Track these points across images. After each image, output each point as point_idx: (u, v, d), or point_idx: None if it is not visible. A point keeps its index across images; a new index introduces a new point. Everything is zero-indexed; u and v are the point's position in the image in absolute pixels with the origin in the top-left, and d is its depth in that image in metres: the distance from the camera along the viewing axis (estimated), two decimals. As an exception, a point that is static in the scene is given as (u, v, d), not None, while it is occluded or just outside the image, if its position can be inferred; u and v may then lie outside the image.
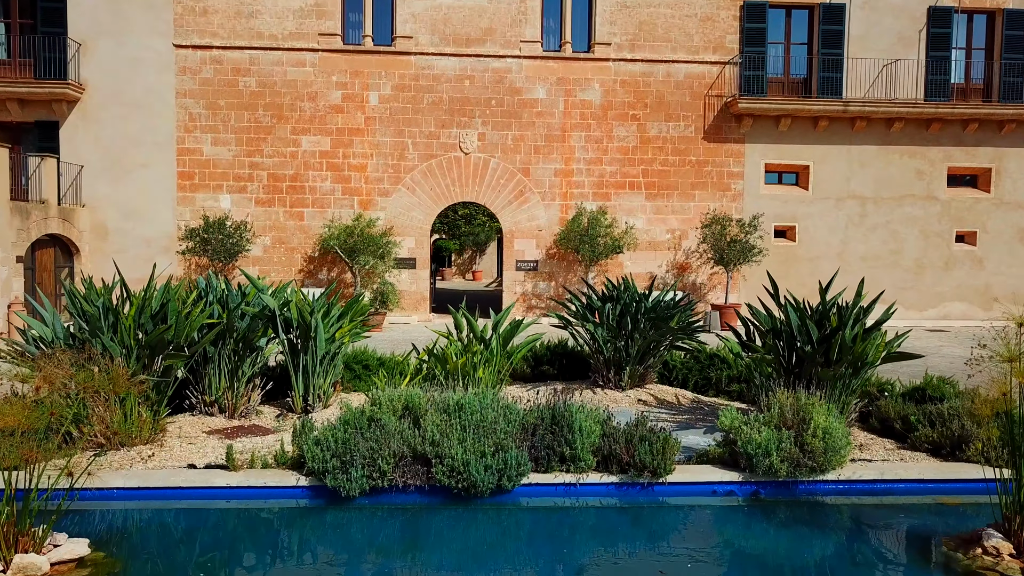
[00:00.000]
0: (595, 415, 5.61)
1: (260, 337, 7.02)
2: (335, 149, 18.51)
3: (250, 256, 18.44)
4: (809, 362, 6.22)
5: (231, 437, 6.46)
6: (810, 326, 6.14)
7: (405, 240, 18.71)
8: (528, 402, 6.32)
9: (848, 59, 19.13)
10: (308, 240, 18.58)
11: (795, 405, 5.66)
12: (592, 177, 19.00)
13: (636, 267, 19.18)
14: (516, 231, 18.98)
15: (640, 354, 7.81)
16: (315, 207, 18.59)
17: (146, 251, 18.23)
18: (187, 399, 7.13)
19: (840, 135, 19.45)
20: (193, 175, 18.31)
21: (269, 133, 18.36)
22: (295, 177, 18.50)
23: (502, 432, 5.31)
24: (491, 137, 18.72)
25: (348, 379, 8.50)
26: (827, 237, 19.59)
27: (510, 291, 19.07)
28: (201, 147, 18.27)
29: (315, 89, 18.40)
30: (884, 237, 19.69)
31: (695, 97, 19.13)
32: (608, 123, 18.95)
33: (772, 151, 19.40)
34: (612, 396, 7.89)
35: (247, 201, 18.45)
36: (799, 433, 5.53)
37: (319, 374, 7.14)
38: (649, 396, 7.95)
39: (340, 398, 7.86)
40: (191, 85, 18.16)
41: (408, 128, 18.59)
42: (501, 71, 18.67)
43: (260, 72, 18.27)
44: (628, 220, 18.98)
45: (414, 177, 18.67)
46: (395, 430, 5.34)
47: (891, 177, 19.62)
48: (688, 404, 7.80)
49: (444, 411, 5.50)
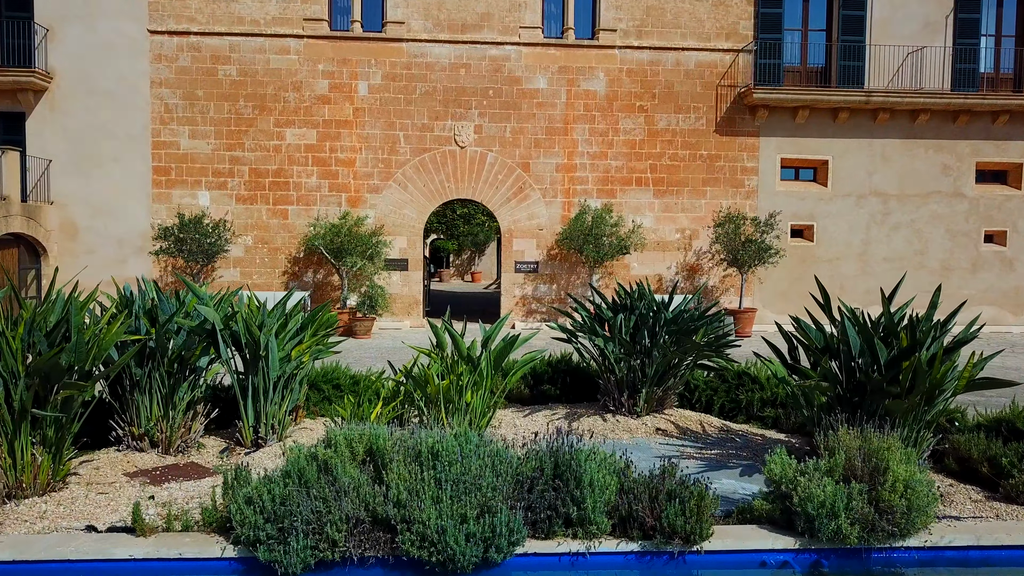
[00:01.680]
0: (610, 463, 4.37)
1: (199, 356, 5.79)
2: (321, 142, 17.29)
3: (230, 257, 17.22)
4: (876, 391, 4.97)
5: (158, 481, 5.23)
6: (878, 346, 4.89)
7: (396, 240, 17.48)
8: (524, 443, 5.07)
9: (870, 47, 17.88)
10: (293, 240, 17.36)
11: (866, 449, 4.42)
12: (596, 172, 17.77)
13: (643, 269, 17.94)
14: (515, 230, 17.74)
15: (659, 374, 6.57)
16: (300, 204, 17.36)
17: (119, 252, 17.02)
18: (114, 431, 5.90)
19: (861, 128, 18.20)
20: (169, 170, 17.09)
21: (251, 125, 17.14)
22: (279, 172, 17.27)
23: (489, 488, 4.07)
24: (488, 130, 17.49)
25: (316, 401, 7.27)
26: (847, 237, 18.34)
27: (508, 294, 17.83)
28: (178, 140, 17.05)
29: (300, 78, 17.18)
30: (908, 237, 18.45)
31: (706, 87, 17.89)
32: (613, 115, 17.71)
33: (789, 145, 18.15)
34: (625, 424, 6.65)
35: (227, 198, 17.23)
36: (872, 486, 4.29)
37: (273, 400, 5.90)
38: (669, 424, 6.70)
39: (302, 426, 6.62)
40: (167, 74, 16.93)
41: (400, 120, 17.36)
42: (499, 59, 17.44)
43: (241, 60, 17.05)
44: (635, 218, 17.74)
45: (406, 172, 17.43)
46: (351, 485, 4.10)
47: (915, 173, 18.37)
48: (716, 434, 6.56)
49: (415, 459, 4.26)
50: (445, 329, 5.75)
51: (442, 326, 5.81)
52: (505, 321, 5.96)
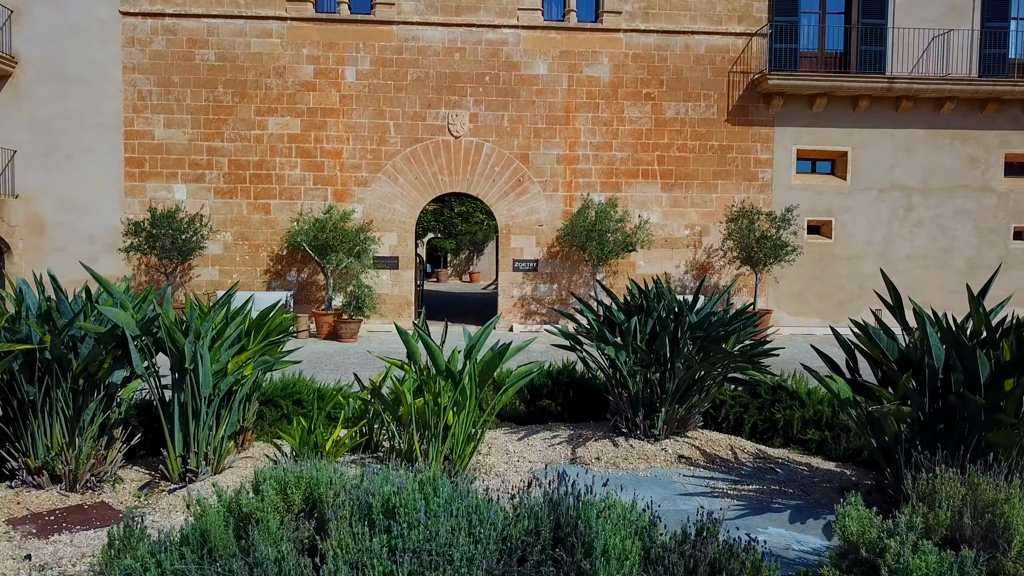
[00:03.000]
0: (630, 520, 3.22)
1: (110, 370, 4.64)
2: (306, 132, 16.15)
3: (208, 255, 16.08)
4: (974, 418, 3.82)
5: (47, 532, 4.08)
6: (980, 359, 3.74)
7: (386, 236, 16.33)
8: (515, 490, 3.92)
9: (892, 30, 16.73)
10: (275, 236, 16.22)
11: (975, 501, 3.27)
12: (600, 165, 16.62)
13: (650, 268, 16.79)
14: (513, 226, 16.60)
15: (682, 390, 5.42)
16: (283, 198, 16.22)
17: (89, 249, 15.87)
18: (8, 462, 4.76)
19: (883, 117, 17.04)
20: (143, 162, 15.95)
21: (230, 114, 16.00)
22: (260, 164, 16.13)
23: (464, 560, 2.92)
24: (484, 118, 16.35)
25: (273, 420, 6.13)
26: (868, 234, 17.18)
27: (506, 295, 16.69)
28: (152, 130, 15.91)
29: (283, 63, 16.04)
30: (932, 233, 17.29)
31: (717, 73, 16.75)
32: (618, 103, 16.57)
33: (805, 135, 17.00)
34: (641, 450, 5.50)
35: (205, 191, 16.09)
36: (991, 554, 3.13)
37: (206, 424, 4.76)
38: (694, 450, 5.55)
39: (247, 454, 5.48)
40: (140, 58, 15.80)
41: (390, 108, 16.22)
42: (496, 43, 16.30)
43: (220, 44, 15.92)
44: (641, 213, 16.59)
45: (396, 164, 16.29)
46: (274, 557, 2.95)
47: (941, 165, 17.21)
48: (750, 462, 5.41)
49: (364, 517, 3.12)
50: (418, 336, 4.60)
51: (414, 333, 4.66)
52: (494, 325, 4.81)
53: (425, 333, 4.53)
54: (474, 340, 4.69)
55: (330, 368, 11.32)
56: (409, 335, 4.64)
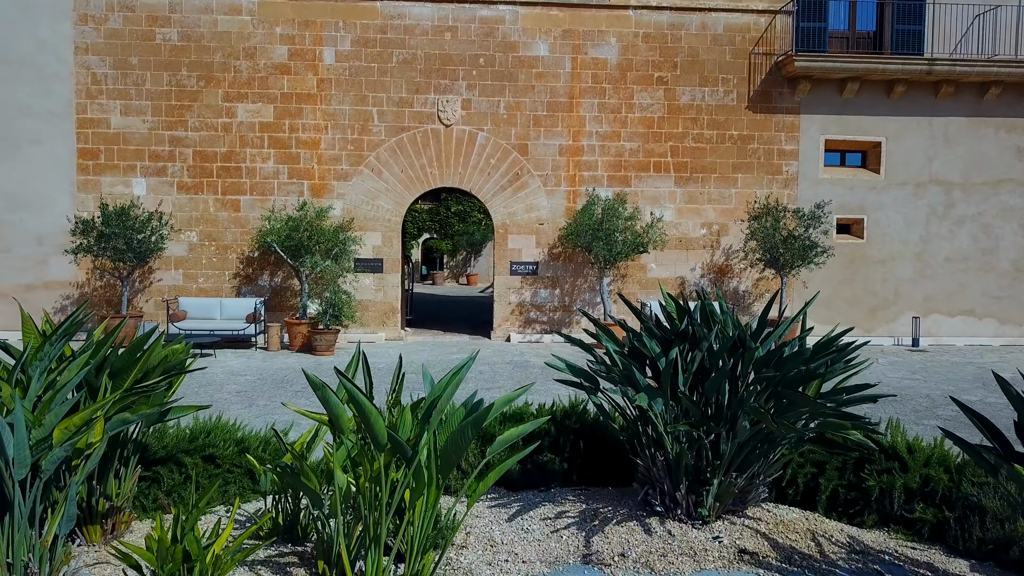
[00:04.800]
0: None
1: None
2: (280, 120, 14.50)
3: (171, 257, 14.43)
4: None
5: None
6: None
7: (368, 236, 14.67)
8: None
9: (931, 6, 15.06)
10: (245, 236, 14.56)
11: None
12: (607, 156, 14.96)
13: (663, 271, 15.13)
14: (511, 225, 14.93)
15: (743, 454, 3.75)
16: (254, 194, 14.57)
17: (38, 250, 14.24)
18: None
19: (920, 104, 15.37)
20: (98, 153, 14.31)
21: (195, 100, 14.36)
22: (228, 156, 14.48)
23: None
24: (479, 105, 14.69)
25: (173, 484, 4.47)
26: (903, 233, 15.50)
27: (503, 301, 15.02)
28: (108, 117, 14.26)
29: (254, 43, 14.39)
30: (974, 233, 15.61)
31: (737, 55, 15.08)
32: (627, 88, 14.91)
33: (834, 124, 15.33)
34: (685, 540, 3.82)
35: (167, 186, 14.44)
36: None
37: (21, 521, 3.09)
38: (759, 540, 3.87)
39: (108, 550, 3.80)
40: (94, 38, 14.16)
41: (373, 94, 14.57)
42: (491, 21, 14.65)
43: (183, 21, 14.27)
44: (653, 211, 14.92)
45: (380, 156, 14.63)
46: None
47: (984, 157, 15.53)
48: (844, 560, 3.74)
49: None
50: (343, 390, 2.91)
51: (339, 387, 2.97)
52: (467, 368, 3.12)
53: (357, 390, 2.84)
54: (435, 393, 3.02)
55: (294, 390, 9.66)
56: (329, 393, 2.95)
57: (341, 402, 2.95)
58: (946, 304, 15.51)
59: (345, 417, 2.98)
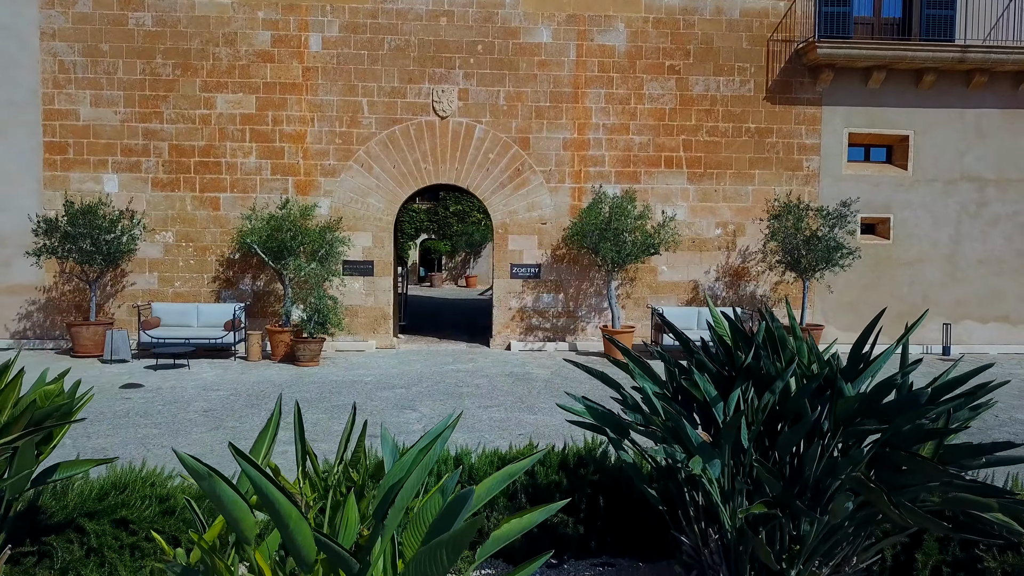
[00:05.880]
0: None
1: None
2: (262, 112, 13.44)
3: (145, 259, 13.38)
4: None
5: None
6: None
7: (358, 236, 13.61)
8: None
9: (964, -10, 14.01)
10: (226, 236, 13.51)
11: None
12: (615, 151, 13.90)
13: (675, 274, 14.08)
14: (511, 224, 13.88)
15: (833, 538, 2.67)
16: (235, 191, 13.52)
17: (0, 253, 13.19)
18: None
19: (951, 95, 14.31)
20: (66, 147, 13.26)
21: (171, 90, 13.31)
22: (207, 150, 13.43)
23: None
24: (476, 95, 13.63)
25: (70, 561, 3.43)
26: (932, 233, 14.44)
27: (502, 306, 13.96)
28: (76, 108, 13.22)
29: (234, 29, 13.34)
30: (1009, 233, 14.54)
31: (755, 42, 14.02)
32: (636, 77, 13.85)
33: (858, 116, 14.27)
34: (750, 656, 2.74)
35: (141, 183, 13.39)
36: None
37: None
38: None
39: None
40: (61, 22, 13.11)
41: (363, 83, 13.51)
42: (490, 5, 13.60)
43: (158, 5, 13.22)
44: (665, 209, 13.86)
45: (371, 150, 13.58)
46: None
47: (1020, 151, 14.48)
48: None
49: None
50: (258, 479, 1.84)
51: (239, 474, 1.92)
52: (447, 437, 2.07)
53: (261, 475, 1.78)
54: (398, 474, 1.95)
55: (266, 411, 8.59)
56: (219, 485, 1.88)
57: (245, 499, 1.88)
58: (978, 310, 14.45)
59: (249, 521, 1.92)
